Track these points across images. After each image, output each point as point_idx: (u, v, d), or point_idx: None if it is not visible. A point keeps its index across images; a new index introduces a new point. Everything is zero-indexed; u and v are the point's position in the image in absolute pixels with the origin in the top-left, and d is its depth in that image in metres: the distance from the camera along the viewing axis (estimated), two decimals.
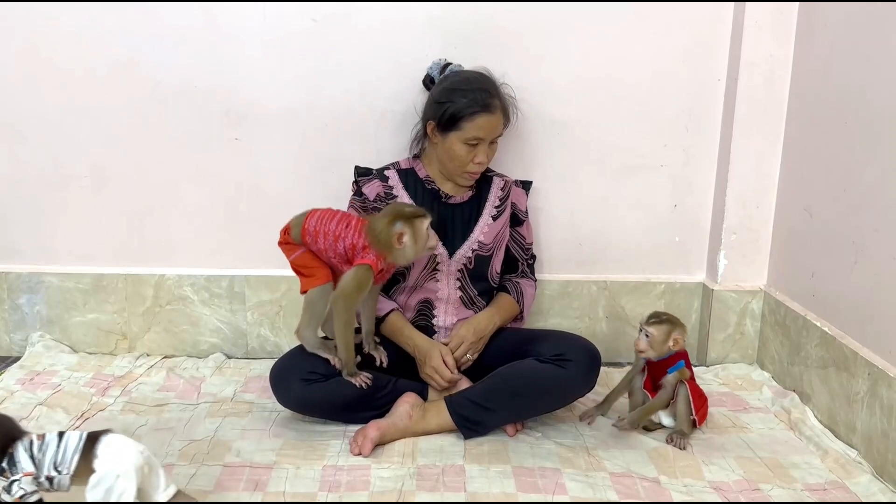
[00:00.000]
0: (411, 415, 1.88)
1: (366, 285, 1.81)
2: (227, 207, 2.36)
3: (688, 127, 2.34)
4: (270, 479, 1.70)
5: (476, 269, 2.06)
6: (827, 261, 2.05)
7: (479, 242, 2.04)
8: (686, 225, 2.42)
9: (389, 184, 2.05)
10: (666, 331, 1.89)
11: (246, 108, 2.29)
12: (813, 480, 1.74)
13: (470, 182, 2.04)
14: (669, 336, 1.89)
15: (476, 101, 1.92)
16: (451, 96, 1.95)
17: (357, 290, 1.80)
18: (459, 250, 2.03)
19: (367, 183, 2.05)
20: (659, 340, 1.88)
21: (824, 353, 2.01)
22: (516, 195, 2.13)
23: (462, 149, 1.95)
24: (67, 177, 2.33)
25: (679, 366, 1.89)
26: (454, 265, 2.03)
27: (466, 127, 1.93)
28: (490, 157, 2.01)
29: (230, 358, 2.42)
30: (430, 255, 2.00)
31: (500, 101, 1.96)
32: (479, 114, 1.92)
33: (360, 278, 1.80)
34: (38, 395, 2.07)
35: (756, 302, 2.36)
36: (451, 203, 2.06)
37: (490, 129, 1.95)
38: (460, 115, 1.92)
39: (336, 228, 1.84)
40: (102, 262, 2.39)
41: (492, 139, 1.98)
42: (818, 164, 2.10)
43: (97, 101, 2.27)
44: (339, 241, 1.83)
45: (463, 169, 1.99)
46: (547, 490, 1.67)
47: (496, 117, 1.95)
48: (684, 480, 1.72)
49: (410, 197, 2.04)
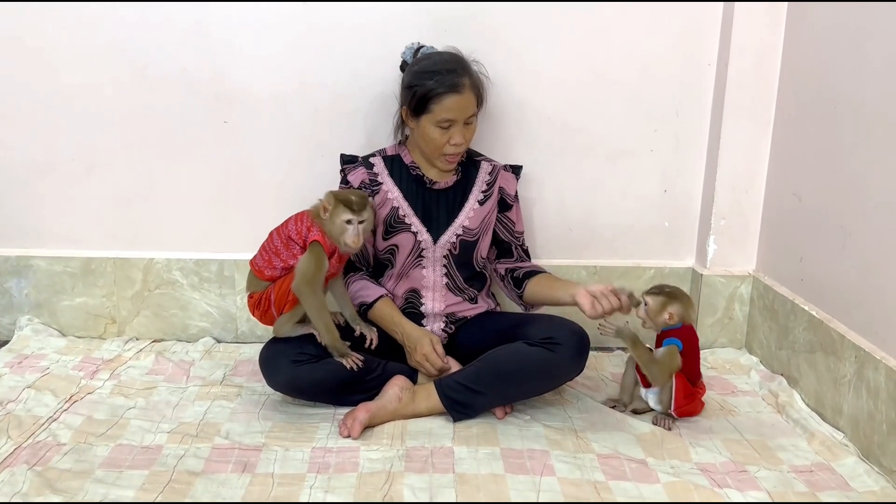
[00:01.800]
0: (401, 397, 1.89)
1: (321, 261, 1.82)
2: (216, 191, 2.35)
3: (678, 112, 2.34)
4: (259, 461, 1.70)
5: (461, 255, 2.05)
6: (815, 245, 2.06)
7: (463, 227, 2.04)
8: (676, 210, 2.43)
9: (374, 171, 2.04)
10: (661, 303, 1.89)
11: (235, 92, 2.27)
12: (799, 462, 1.75)
13: (450, 166, 2.02)
14: (664, 309, 1.89)
15: (442, 82, 1.89)
16: (418, 79, 1.93)
17: (316, 268, 1.81)
18: (444, 236, 2.03)
19: (353, 171, 2.04)
20: (653, 310, 1.90)
21: (812, 337, 2.02)
22: (504, 179, 2.12)
23: (435, 132, 1.93)
24: (55, 160, 2.31)
25: (670, 342, 1.88)
26: (439, 251, 2.03)
27: (436, 109, 1.91)
28: (468, 139, 1.98)
29: (219, 342, 2.42)
30: (414, 242, 2.01)
31: (469, 80, 1.92)
32: (447, 95, 1.89)
33: (315, 255, 1.81)
34: (26, 378, 2.07)
35: (745, 287, 2.37)
36: (436, 189, 2.05)
37: (460, 109, 1.92)
38: (428, 97, 1.90)
39: (277, 236, 1.89)
40: (91, 245, 2.38)
41: (465, 120, 1.94)
42: (807, 149, 2.10)
43: (84, 84, 2.25)
44: (286, 240, 1.87)
45: (440, 152, 1.96)
46: (535, 471, 1.67)
47: (465, 97, 1.91)
48: (671, 462, 1.73)
49: (395, 184, 2.03)
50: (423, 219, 2.03)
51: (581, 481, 1.64)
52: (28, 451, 1.70)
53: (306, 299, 1.82)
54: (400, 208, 2.02)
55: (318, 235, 1.82)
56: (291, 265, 1.85)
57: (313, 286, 1.82)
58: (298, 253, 1.85)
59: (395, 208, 2.02)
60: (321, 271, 1.82)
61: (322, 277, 1.83)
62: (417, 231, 2.02)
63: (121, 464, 1.67)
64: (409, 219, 2.02)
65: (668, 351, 1.88)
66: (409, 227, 2.02)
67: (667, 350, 1.88)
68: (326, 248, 1.83)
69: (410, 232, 2.02)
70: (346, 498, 1.57)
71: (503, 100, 2.27)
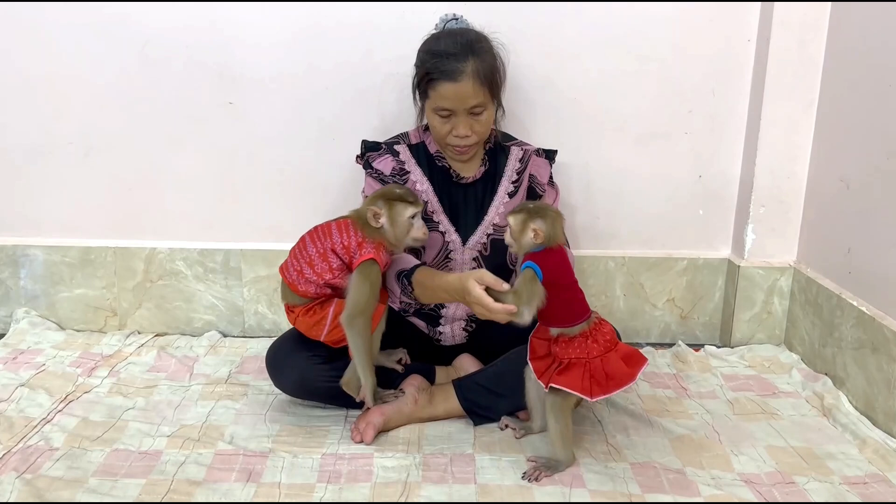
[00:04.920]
0: (417, 399, 1.76)
1: (377, 285, 1.63)
2: (221, 176, 2.22)
3: (714, 91, 2.19)
4: (265, 469, 1.58)
5: (493, 256, 1.87)
6: (865, 235, 1.91)
7: (494, 226, 1.85)
8: (711, 197, 2.28)
9: (401, 159, 1.86)
10: (522, 220, 1.55)
11: (240, 70, 2.14)
12: (851, 473, 1.61)
13: (460, 158, 1.84)
14: (526, 226, 1.54)
15: (438, 66, 1.70)
16: (421, 59, 1.76)
17: (372, 294, 1.61)
18: (473, 236, 1.85)
19: (379, 158, 1.86)
20: (516, 230, 1.56)
21: (861, 335, 1.87)
22: (536, 165, 1.93)
23: (435, 119, 1.76)
24: (52, 144, 2.20)
25: (526, 265, 1.53)
26: (468, 253, 1.86)
27: (432, 95, 1.73)
28: (478, 131, 1.77)
29: (226, 336, 2.30)
30: (442, 243, 1.84)
31: (473, 67, 1.69)
32: (440, 81, 1.70)
33: (371, 279, 1.61)
34: (20, 376, 1.96)
35: (785, 279, 2.22)
36: (464, 182, 1.87)
37: (457, 98, 1.70)
38: (426, 81, 1.74)
39: (311, 244, 1.67)
40: (90, 233, 2.26)
41: (469, 110, 1.72)
42: (856, 131, 1.95)
43: (82, 63, 2.13)
44: (326, 251, 1.64)
45: (444, 142, 1.80)
46: (564, 482, 1.54)
47: (463, 85, 1.69)
48: (712, 472, 1.60)
49: (424, 174, 1.85)
50: (450, 217, 1.85)
51: (614, 493, 1.51)
52: (18, 456, 1.59)
53: (357, 332, 1.61)
54: (429, 203, 1.84)
55: (374, 253, 1.62)
56: (328, 280, 1.66)
57: (367, 316, 1.62)
58: (337, 269, 1.65)
59: (424, 203, 1.82)
60: (376, 298, 1.64)
61: (375, 304, 1.65)
62: (446, 231, 1.84)
63: (116, 471, 1.55)
64: (437, 216, 1.84)
65: (523, 276, 1.53)
66: (436, 226, 1.84)
67: (521, 275, 1.53)
68: (382, 267, 1.64)
69: (438, 231, 1.84)
70: None
71: (526, 80, 2.12)
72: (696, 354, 2.20)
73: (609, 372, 1.53)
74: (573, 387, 1.52)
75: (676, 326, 2.34)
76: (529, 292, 1.51)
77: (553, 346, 1.59)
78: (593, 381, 1.52)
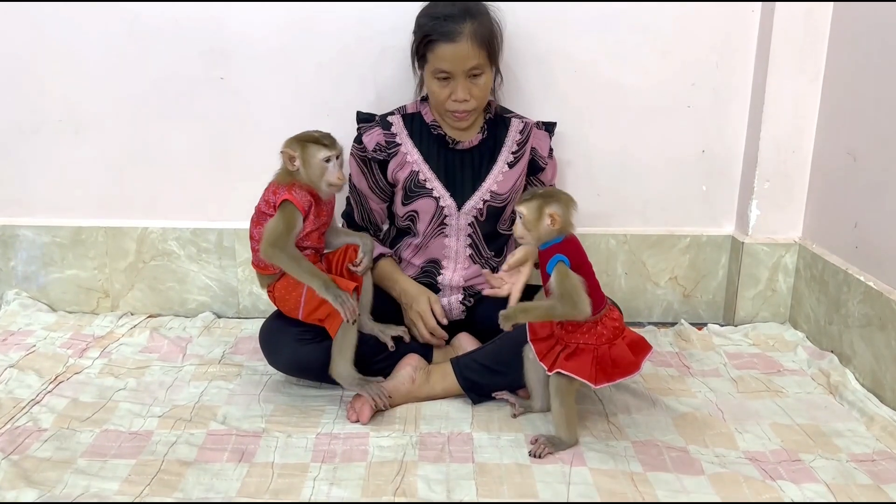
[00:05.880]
0: (414, 378, 1.73)
1: (291, 220, 1.63)
2: (213, 154, 2.18)
3: (718, 64, 2.14)
4: (259, 449, 1.54)
5: (487, 223, 1.88)
6: (872, 209, 1.87)
7: (492, 192, 1.86)
8: (714, 172, 2.23)
9: (393, 131, 1.86)
10: (537, 206, 1.49)
11: (232, 45, 2.09)
12: (859, 450, 1.57)
13: (459, 124, 1.83)
14: (542, 211, 1.49)
15: (436, 28, 1.72)
16: (418, 24, 1.78)
17: (285, 228, 1.63)
18: (469, 201, 1.85)
19: (368, 131, 1.87)
20: (530, 219, 1.50)
21: (868, 311, 1.83)
22: (537, 138, 1.92)
23: (434, 84, 1.77)
24: (40, 121, 2.15)
25: (556, 260, 1.48)
26: (463, 218, 1.86)
27: (430, 58, 1.75)
28: (476, 95, 1.77)
29: (220, 317, 2.26)
30: (436, 208, 1.83)
31: (471, 28, 1.71)
32: (439, 43, 1.72)
33: (283, 215, 1.63)
34: (9, 357, 1.92)
35: (790, 256, 2.17)
36: (460, 149, 1.87)
37: (456, 60, 1.72)
38: (424, 44, 1.74)
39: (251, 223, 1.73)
40: (80, 213, 2.22)
41: (468, 72, 1.74)
42: (863, 103, 1.91)
43: (69, 37, 2.08)
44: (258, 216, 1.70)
45: (443, 107, 1.79)
46: (564, 460, 1.50)
47: (461, 46, 1.71)
48: (716, 450, 1.56)
49: (415, 145, 1.86)
50: (445, 183, 1.85)
51: (616, 472, 1.47)
52: (5, 437, 1.56)
53: (278, 260, 1.64)
54: (420, 172, 1.85)
55: (287, 194, 1.64)
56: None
57: (281, 246, 1.63)
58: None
59: (415, 172, 1.85)
60: (291, 231, 1.64)
61: (291, 239, 1.65)
62: (440, 196, 1.85)
63: (105, 452, 1.52)
64: (430, 183, 1.84)
65: (558, 273, 1.47)
66: (430, 192, 1.84)
67: (556, 274, 1.47)
68: (299, 206, 1.64)
69: (432, 197, 1.84)
70: (353, 491, 1.41)
71: (525, 52, 2.07)
72: (699, 333, 2.16)
73: (615, 359, 1.51)
74: (581, 373, 1.49)
75: (679, 305, 2.29)
76: (573, 289, 1.46)
77: (557, 329, 1.54)
78: (599, 368, 1.50)
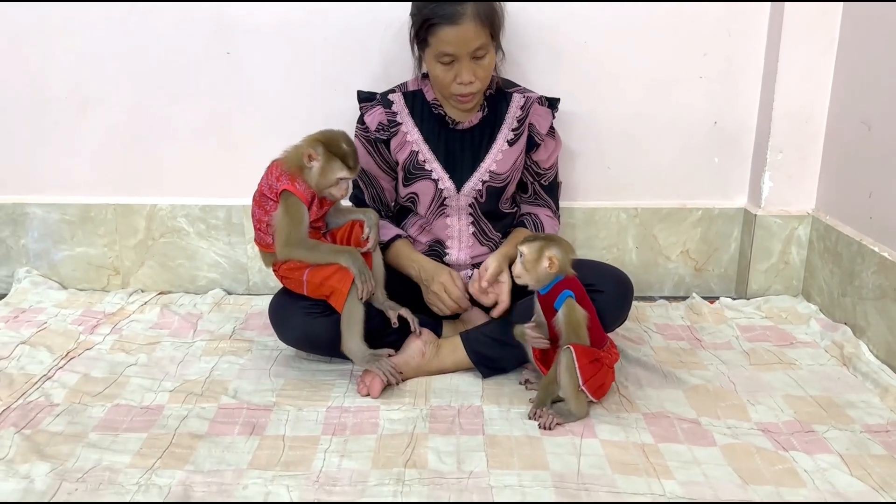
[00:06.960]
0: (424, 352, 1.72)
1: (298, 213, 1.61)
2: (220, 130, 2.17)
3: (730, 32, 2.10)
4: (269, 422, 1.54)
5: (488, 203, 1.85)
6: (887, 179, 1.84)
7: (490, 173, 1.82)
8: (726, 144, 2.20)
9: (393, 109, 1.82)
10: (538, 248, 1.55)
11: (237, 19, 2.07)
12: (873, 421, 1.56)
13: (465, 106, 1.78)
14: (542, 254, 1.54)
15: (437, 11, 1.65)
16: (417, 7, 1.71)
17: (294, 224, 1.61)
18: (468, 183, 1.82)
19: (370, 111, 1.83)
20: (530, 259, 1.55)
21: (883, 282, 1.80)
22: (537, 114, 1.86)
23: (437, 68, 1.71)
24: (46, 99, 2.14)
25: (564, 297, 1.53)
26: (463, 199, 1.83)
27: (433, 42, 1.68)
28: (480, 76, 1.71)
29: (230, 294, 2.26)
30: (435, 191, 1.81)
31: (472, 9, 1.64)
32: (441, 26, 1.65)
33: (289, 209, 1.61)
34: (21, 334, 1.93)
35: (803, 228, 2.15)
36: (460, 129, 1.83)
37: (459, 42, 1.65)
38: (425, 28, 1.68)
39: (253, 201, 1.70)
40: (89, 191, 2.22)
41: (471, 54, 1.68)
42: (878, 72, 1.87)
43: (74, 14, 2.06)
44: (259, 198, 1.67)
45: (448, 91, 1.74)
46: (575, 432, 1.50)
47: (464, 28, 1.64)
48: (728, 421, 1.55)
49: (416, 124, 1.82)
50: (445, 164, 1.82)
51: (626, 444, 1.47)
52: (17, 412, 1.56)
53: (297, 257, 1.64)
54: (420, 152, 1.81)
55: (288, 184, 1.61)
56: (269, 222, 1.66)
57: (295, 243, 1.62)
58: (272, 210, 1.65)
59: (415, 152, 1.81)
60: (300, 226, 1.62)
61: (303, 232, 1.63)
62: (439, 178, 1.81)
63: (117, 426, 1.52)
64: (429, 164, 1.81)
65: (567, 308, 1.53)
66: (429, 174, 1.81)
67: (565, 309, 1.53)
68: (302, 197, 1.62)
69: (431, 179, 1.82)
70: (363, 463, 1.41)
71: (531, 22, 2.04)
72: (710, 307, 2.15)
73: (605, 382, 1.58)
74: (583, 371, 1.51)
75: (691, 279, 2.27)
76: (577, 324, 1.53)
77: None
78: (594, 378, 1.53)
